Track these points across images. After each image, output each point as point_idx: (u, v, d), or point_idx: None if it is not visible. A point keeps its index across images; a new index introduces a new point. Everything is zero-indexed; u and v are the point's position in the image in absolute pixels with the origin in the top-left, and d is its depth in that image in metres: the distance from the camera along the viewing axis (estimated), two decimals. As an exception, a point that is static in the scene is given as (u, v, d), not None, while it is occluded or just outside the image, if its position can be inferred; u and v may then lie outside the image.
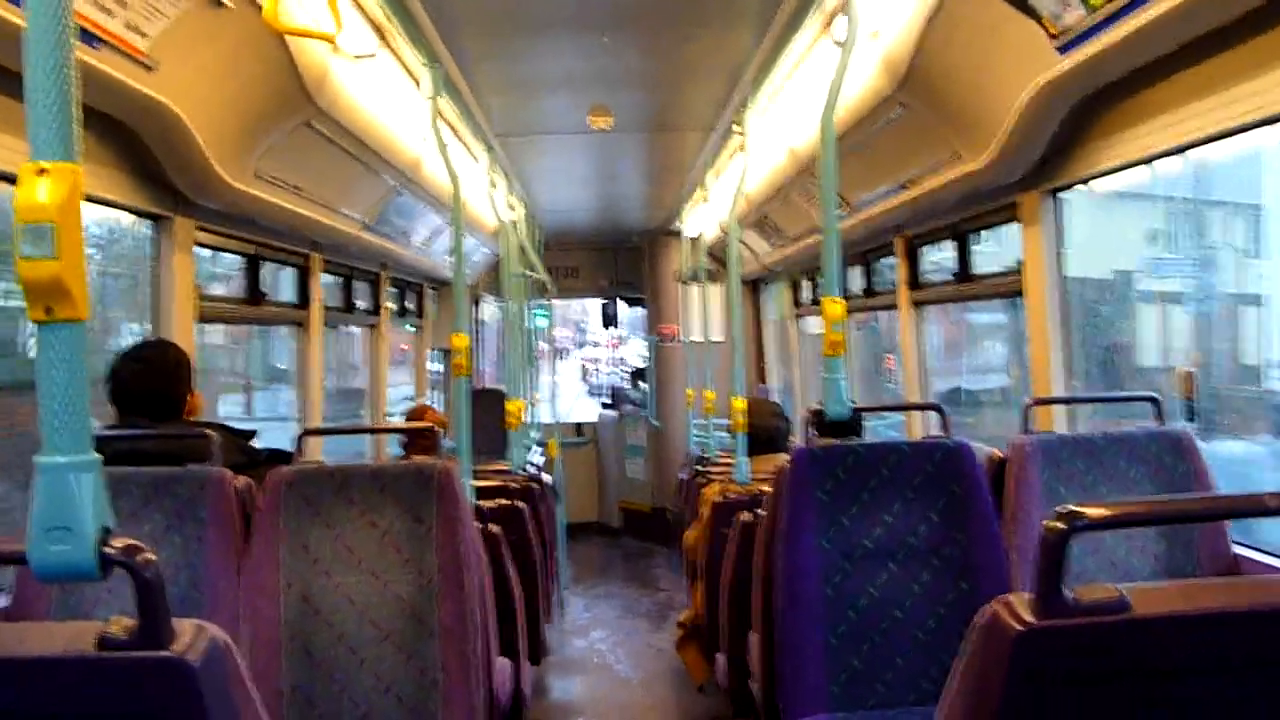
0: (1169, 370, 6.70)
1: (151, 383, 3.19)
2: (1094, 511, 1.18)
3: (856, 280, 6.67)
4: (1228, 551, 3.27)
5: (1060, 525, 1.16)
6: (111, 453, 2.89)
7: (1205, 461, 3.33)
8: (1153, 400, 3.55)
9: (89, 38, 2.66)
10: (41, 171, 1.20)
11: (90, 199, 3.41)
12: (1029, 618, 1.15)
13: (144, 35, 2.89)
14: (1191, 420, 3.82)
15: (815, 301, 8.12)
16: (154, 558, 1.15)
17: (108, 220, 4.14)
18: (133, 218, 3.87)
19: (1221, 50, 2.82)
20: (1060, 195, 4.04)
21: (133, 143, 3.43)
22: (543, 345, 11.57)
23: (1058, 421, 4.13)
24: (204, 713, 1.13)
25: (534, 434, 8.84)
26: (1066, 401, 4.13)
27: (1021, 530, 3.22)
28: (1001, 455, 3.44)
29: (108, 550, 1.17)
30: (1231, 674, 1.20)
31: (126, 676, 1.13)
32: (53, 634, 1.19)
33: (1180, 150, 3.25)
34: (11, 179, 2.76)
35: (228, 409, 9.57)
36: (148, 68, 3.00)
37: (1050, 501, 3.22)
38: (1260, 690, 1.20)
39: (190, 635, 1.14)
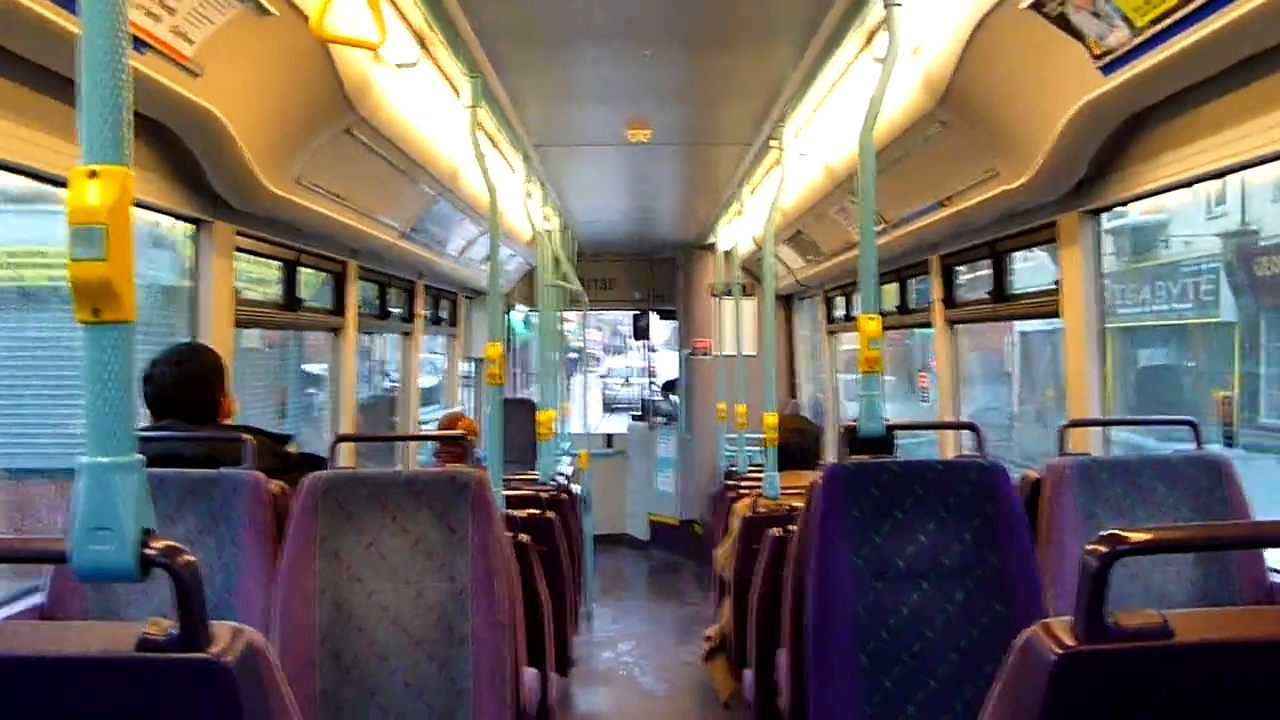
0: None
1: (188, 386, 3.21)
2: (1137, 536, 1.16)
3: (892, 297, 6.65)
4: (1265, 579, 3.23)
5: (1103, 549, 1.15)
6: (146, 455, 2.94)
7: (1243, 487, 3.29)
8: (1191, 424, 3.51)
9: (135, 43, 2.69)
10: (92, 174, 1.21)
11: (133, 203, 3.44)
12: (1069, 641, 1.13)
13: (190, 41, 2.92)
14: (1229, 445, 3.78)
15: (849, 318, 8.10)
16: (193, 560, 1.16)
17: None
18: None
19: (1267, 74, 2.79)
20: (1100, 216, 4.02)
21: (175, 147, 3.46)
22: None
23: (1095, 443, 4.09)
24: (240, 715, 1.13)
25: (564, 444, 8.85)
26: (1103, 423, 4.09)
27: (1056, 552, 3.19)
28: (1037, 476, 3.41)
29: (148, 551, 1.17)
30: (1275, 704, 1.18)
31: (164, 678, 1.13)
32: (91, 634, 1.20)
33: (1223, 174, 3.23)
34: (61, 182, 2.79)
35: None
36: (193, 73, 3.03)
37: (1086, 524, 3.19)
38: None
39: (228, 638, 1.15)
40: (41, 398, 4.50)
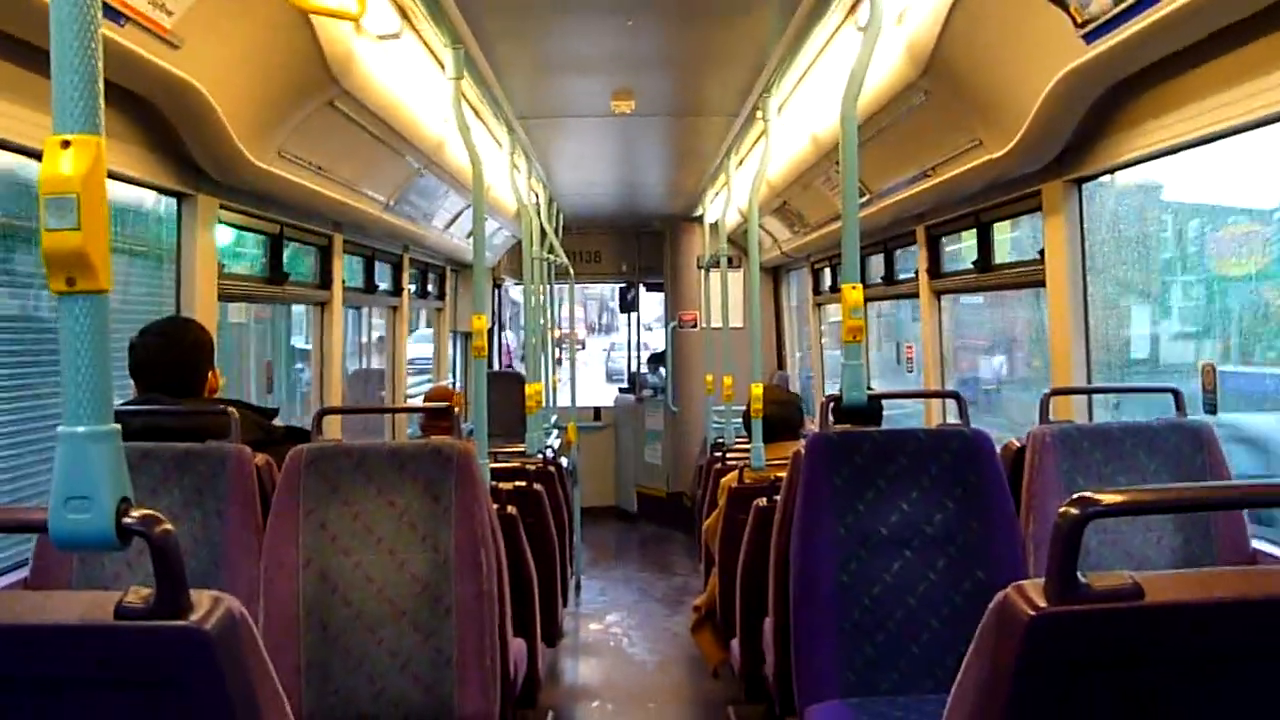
0: None
1: (172, 359, 3.20)
2: (1108, 498, 1.17)
3: (879, 268, 6.65)
4: (1246, 544, 3.25)
5: (1074, 511, 1.16)
6: (131, 428, 2.93)
7: (1224, 454, 3.31)
8: (1173, 392, 3.53)
9: (114, 14, 2.67)
10: (65, 144, 1.20)
11: (114, 176, 3.43)
12: (1041, 603, 1.14)
13: (169, 13, 2.90)
14: (1212, 413, 3.79)
15: (835, 289, 8.10)
16: (171, 528, 1.16)
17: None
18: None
19: (1250, 40, 2.79)
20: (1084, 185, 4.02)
21: (157, 120, 3.44)
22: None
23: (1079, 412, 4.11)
24: (220, 682, 1.14)
25: (552, 417, 8.86)
26: (1085, 391, 4.10)
27: (1038, 520, 3.21)
28: (1019, 444, 3.42)
29: (126, 520, 1.18)
30: (1244, 663, 1.19)
31: (143, 645, 1.14)
32: (71, 603, 1.20)
33: (1207, 141, 3.22)
34: (36, 154, 2.78)
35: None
36: (173, 45, 3.01)
37: (1068, 492, 3.21)
38: (1274, 681, 1.19)
39: (207, 605, 1.15)
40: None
